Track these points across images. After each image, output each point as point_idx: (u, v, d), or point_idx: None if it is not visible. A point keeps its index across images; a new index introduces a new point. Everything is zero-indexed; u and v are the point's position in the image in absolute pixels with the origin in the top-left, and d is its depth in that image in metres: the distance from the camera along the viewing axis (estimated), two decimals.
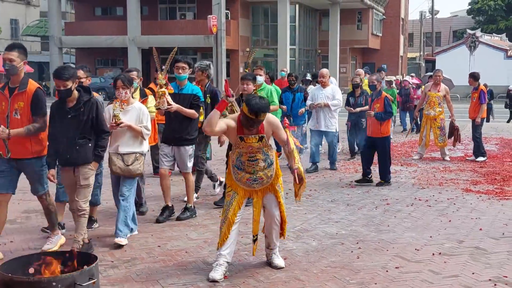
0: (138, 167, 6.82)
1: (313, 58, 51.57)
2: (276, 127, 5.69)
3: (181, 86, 7.73)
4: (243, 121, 5.49)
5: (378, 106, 10.13)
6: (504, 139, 17.01)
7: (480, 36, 47.09)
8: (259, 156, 5.62)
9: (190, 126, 7.69)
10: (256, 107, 5.34)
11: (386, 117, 10.09)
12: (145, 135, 6.85)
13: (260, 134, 5.56)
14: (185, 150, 7.69)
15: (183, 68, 7.67)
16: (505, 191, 9.59)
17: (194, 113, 7.59)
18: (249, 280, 5.55)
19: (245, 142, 5.57)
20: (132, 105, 6.90)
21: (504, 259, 6.13)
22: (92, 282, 4.28)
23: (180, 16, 45.83)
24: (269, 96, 9.76)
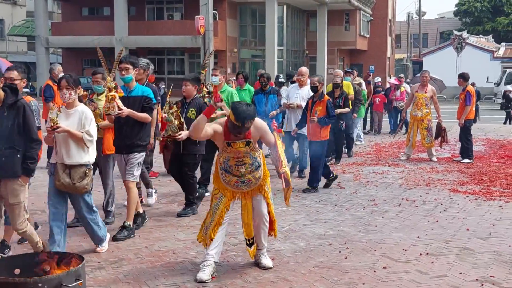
0: (86, 183, 5.95)
1: (301, 59, 51.61)
2: (263, 132, 5.67)
3: (130, 88, 7.11)
4: (230, 127, 5.46)
5: (320, 109, 9.55)
6: (490, 139, 17.10)
7: (467, 38, 47.47)
8: (247, 160, 5.60)
9: (143, 131, 7.13)
10: (243, 116, 5.31)
11: (329, 121, 9.59)
12: (87, 141, 5.89)
13: (247, 139, 5.54)
14: (135, 157, 7.04)
15: (126, 69, 7.00)
16: (492, 191, 9.64)
17: (146, 117, 7.05)
18: (237, 280, 5.53)
19: (232, 147, 5.55)
20: (75, 108, 5.98)
21: (491, 259, 6.15)
22: (78, 283, 4.25)
23: (168, 16, 45.73)
24: (229, 98, 9.09)
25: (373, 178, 10.85)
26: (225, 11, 43.40)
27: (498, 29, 58.52)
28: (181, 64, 45.72)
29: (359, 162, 12.84)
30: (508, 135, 18.54)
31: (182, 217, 7.86)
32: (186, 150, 7.90)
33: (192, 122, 7.31)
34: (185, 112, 7.89)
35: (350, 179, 10.81)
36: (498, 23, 58.90)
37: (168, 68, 45.80)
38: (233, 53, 44.82)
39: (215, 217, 5.65)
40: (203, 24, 37.02)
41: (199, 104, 7.97)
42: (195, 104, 7.97)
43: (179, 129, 7.66)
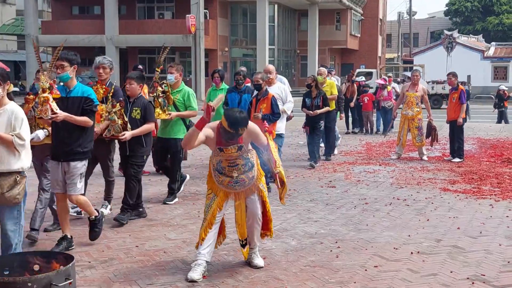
0: (17, 193, 5.19)
1: (292, 58, 51.68)
2: (255, 135, 5.65)
3: (69, 88, 6.29)
4: (222, 134, 5.42)
5: (264, 106, 9.18)
6: (481, 139, 17.16)
7: (457, 37, 47.66)
8: (239, 162, 5.57)
9: (83, 137, 6.28)
10: (236, 124, 5.28)
11: (274, 118, 9.16)
12: (17, 145, 5.11)
13: (239, 144, 5.52)
14: (75, 167, 6.24)
15: (61, 67, 6.20)
16: (482, 190, 9.67)
17: (86, 120, 6.22)
18: (228, 280, 5.52)
19: (224, 152, 5.53)
20: (4, 107, 5.21)
21: (481, 257, 6.17)
22: (68, 283, 4.22)
23: (158, 15, 45.67)
24: (185, 99, 8.55)
25: (364, 177, 10.87)
26: (216, 10, 43.42)
27: (488, 28, 58.83)
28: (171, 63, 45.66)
29: (350, 161, 12.85)
30: (498, 134, 18.62)
31: (118, 222, 7.39)
32: (132, 151, 7.58)
33: (137, 122, 7.49)
34: (129, 112, 7.53)
35: (341, 178, 10.81)
36: (488, 23, 59.21)
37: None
38: (224, 52, 44.83)
39: (207, 217, 5.63)
40: (194, 23, 37.04)
41: (143, 103, 7.62)
42: (140, 103, 7.60)
43: (122, 129, 7.32)
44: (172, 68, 8.70)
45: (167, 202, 8.66)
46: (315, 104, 11.83)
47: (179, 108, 8.52)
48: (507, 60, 46.33)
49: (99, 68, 7.67)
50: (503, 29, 58.69)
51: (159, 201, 8.75)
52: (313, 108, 11.85)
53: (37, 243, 6.60)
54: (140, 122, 7.53)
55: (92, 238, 6.62)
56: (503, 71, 46.44)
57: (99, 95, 7.34)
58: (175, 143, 8.49)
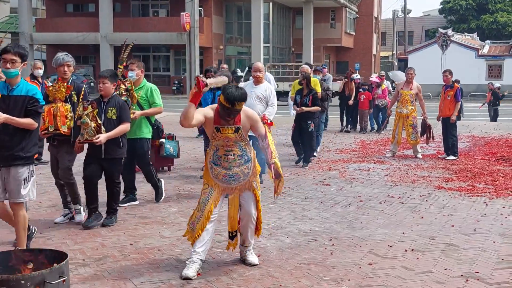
0: None
1: (287, 56, 51.68)
2: (254, 121, 5.67)
3: (11, 85, 5.70)
4: (220, 111, 5.46)
5: None
6: (475, 137, 17.19)
7: (452, 35, 47.75)
8: (236, 151, 5.58)
9: (26, 140, 5.68)
10: (232, 96, 5.32)
11: None
12: None
13: (237, 125, 5.53)
14: (18, 172, 5.68)
15: (12, 62, 5.62)
16: (477, 188, 9.69)
17: (30, 123, 5.64)
18: (223, 277, 5.51)
19: (221, 133, 5.53)
20: None
21: (475, 255, 6.18)
22: (62, 280, 4.21)
23: (153, 13, 45.61)
24: (149, 96, 8.29)
25: (359, 175, 10.87)
26: (211, 8, 43.39)
27: (483, 27, 58.92)
28: (166, 61, 45.66)
29: (344, 159, 12.86)
30: (493, 132, 18.66)
31: (107, 226, 7.19)
32: (109, 154, 7.08)
33: (113, 123, 7.02)
34: (103, 112, 7.03)
35: (335, 176, 10.82)
36: (483, 21, 59.30)
37: (153, 65, 45.74)
38: (219, 50, 44.81)
39: (204, 212, 5.61)
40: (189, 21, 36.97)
41: (118, 102, 7.15)
42: (115, 103, 7.12)
43: (96, 131, 6.83)
44: (133, 65, 8.29)
45: (158, 201, 8.59)
46: (304, 102, 11.66)
47: (143, 106, 8.21)
48: (501, 58, 46.44)
49: (64, 66, 7.07)
50: (498, 27, 58.81)
51: (153, 199, 8.72)
52: (302, 106, 11.70)
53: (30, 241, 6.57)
54: (116, 122, 7.09)
55: None
56: (497, 69, 46.54)
57: (62, 94, 6.90)
58: (141, 144, 8.22)
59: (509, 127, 20.35)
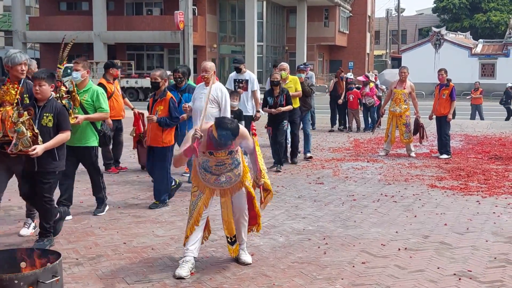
0: None
1: (281, 55, 51.70)
2: (244, 138, 5.59)
3: None
4: (213, 140, 5.35)
5: (161, 109, 8.17)
6: (468, 135, 17.24)
7: (445, 34, 47.85)
8: (227, 162, 5.57)
9: None
10: (226, 137, 5.24)
11: (171, 123, 8.21)
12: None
13: (230, 149, 5.50)
14: None
15: None
16: (469, 186, 9.72)
17: None
18: (216, 276, 5.52)
19: (215, 156, 5.51)
20: None
21: (468, 253, 6.20)
22: (55, 280, 4.21)
23: (147, 11, 45.52)
24: (95, 100, 7.48)
25: (352, 174, 10.89)
26: (204, 6, 43.36)
27: (476, 25, 59.09)
28: (160, 59, 45.59)
29: (338, 157, 12.88)
30: (485, 131, 18.72)
31: (39, 249, 5.76)
32: (42, 167, 6.10)
33: (49, 131, 6.05)
34: (38, 119, 6.08)
35: (329, 174, 10.83)
36: (476, 20, 59.47)
37: (147, 64, 45.63)
38: (212, 49, 44.79)
39: (193, 215, 5.62)
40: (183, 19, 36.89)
41: (56, 107, 6.16)
42: (51, 107, 6.15)
43: (32, 142, 5.90)
44: (78, 65, 7.47)
45: (98, 214, 7.75)
46: (279, 103, 11.07)
47: (87, 110, 7.41)
48: (494, 57, 46.55)
49: (22, 64, 6.46)
50: (491, 26, 58.98)
51: (147, 198, 8.72)
52: (276, 107, 11.08)
53: (23, 241, 6.57)
54: (53, 131, 6.11)
55: None
56: (490, 68, 46.65)
57: (11, 97, 6.12)
58: (89, 153, 7.51)
59: (502, 126, 20.42)
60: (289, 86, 11.77)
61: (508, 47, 45.96)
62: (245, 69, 11.48)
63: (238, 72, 11.38)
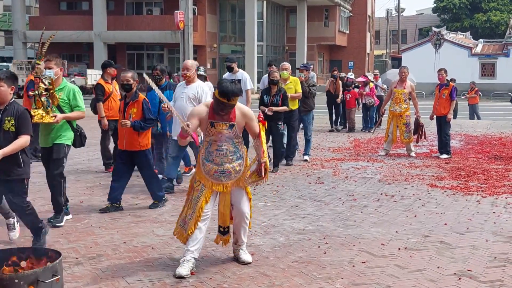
0: None
1: (281, 55, 51.70)
2: (249, 119, 5.67)
3: None
4: (215, 105, 5.47)
5: (134, 111, 7.90)
6: (468, 135, 17.25)
7: (445, 34, 47.85)
8: (229, 147, 5.58)
9: None
10: (227, 91, 5.33)
11: (146, 126, 7.94)
12: None
13: (231, 122, 5.54)
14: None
15: None
16: (469, 186, 9.72)
17: None
18: (216, 276, 5.52)
19: (215, 128, 5.54)
20: None
21: (468, 253, 6.20)
22: (55, 279, 4.21)
23: (147, 11, 45.55)
24: (71, 99, 7.16)
25: (352, 174, 10.89)
26: (204, 6, 43.37)
27: (476, 25, 59.10)
28: (160, 59, 45.61)
29: (338, 157, 12.88)
30: (486, 130, 18.72)
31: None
32: (7, 175, 5.75)
33: (11, 136, 5.67)
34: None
35: (329, 174, 10.83)
36: (476, 20, 59.49)
37: (147, 64, 45.63)
38: (212, 49, 44.79)
39: (196, 209, 5.61)
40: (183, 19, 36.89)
41: (18, 111, 5.74)
42: (13, 111, 5.73)
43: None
44: (51, 62, 7.09)
45: (57, 224, 7.11)
46: (274, 102, 10.80)
47: (63, 109, 7.10)
48: (494, 57, 46.55)
49: None
50: (491, 26, 58.99)
51: (147, 197, 8.72)
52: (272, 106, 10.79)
53: (24, 239, 6.57)
54: (14, 136, 5.72)
55: None
56: (490, 68, 46.66)
57: None
58: (58, 150, 7.09)
59: (502, 125, 20.42)
60: (289, 87, 11.55)
61: (508, 47, 45.96)
62: (237, 68, 11.40)
63: (230, 71, 11.29)
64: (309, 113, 12.63)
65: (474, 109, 24.29)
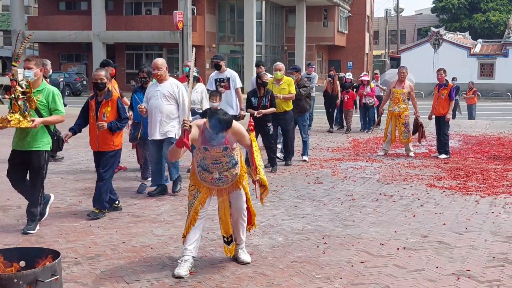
0: None
1: (280, 55, 51.69)
2: (241, 136, 5.60)
3: None
4: (206, 133, 5.40)
5: (109, 110, 7.48)
6: (467, 135, 17.26)
7: (444, 34, 47.89)
8: (224, 160, 5.57)
9: None
10: (217, 126, 5.25)
11: (122, 125, 7.55)
12: None
13: (225, 145, 5.50)
14: None
15: None
16: (468, 186, 9.73)
17: None
18: (215, 275, 5.52)
19: (210, 152, 5.52)
20: None
21: (467, 253, 6.21)
22: (54, 279, 4.20)
23: (146, 11, 45.53)
24: (50, 102, 6.84)
25: (351, 173, 10.90)
26: (203, 6, 43.35)
27: (475, 25, 59.16)
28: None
29: (337, 157, 12.88)
30: (484, 130, 18.73)
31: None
32: None
33: None
34: None
35: (328, 174, 10.84)
36: (475, 20, 59.54)
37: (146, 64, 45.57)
38: (211, 49, 44.75)
39: (190, 213, 5.63)
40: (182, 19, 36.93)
41: None
42: None
43: None
44: (30, 62, 6.77)
45: (28, 231, 6.83)
46: (263, 104, 10.67)
47: (41, 112, 6.76)
48: (493, 57, 46.60)
49: None
50: (490, 26, 59.05)
51: (146, 197, 8.73)
52: (260, 109, 10.67)
53: (23, 239, 6.57)
54: None
55: None
56: (489, 68, 46.71)
57: None
58: (37, 158, 6.81)
59: (501, 125, 20.44)
60: (283, 87, 11.33)
61: (507, 47, 46.01)
62: (225, 67, 11.12)
63: (218, 69, 10.96)
64: (303, 115, 12.39)
65: (471, 109, 24.30)
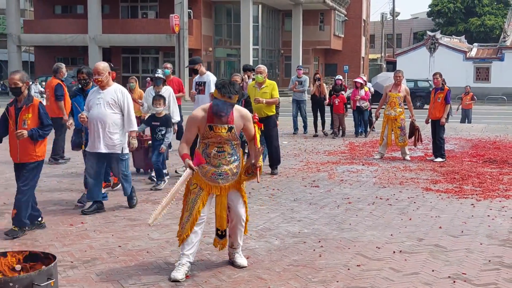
0: None
1: (276, 59, 51.77)
2: (247, 120, 5.70)
3: None
4: (214, 107, 5.47)
5: (29, 117, 6.80)
6: (463, 139, 17.29)
7: (440, 38, 48.03)
8: (227, 149, 5.59)
9: None
10: (226, 87, 5.37)
11: (45, 133, 6.89)
12: None
13: (230, 124, 5.54)
14: None
15: None
16: (464, 190, 9.74)
17: None
18: (212, 279, 5.52)
19: (214, 132, 5.53)
20: None
21: (463, 256, 6.22)
22: (50, 283, 4.20)
23: (142, 15, 45.53)
24: None
25: (347, 177, 10.90)
26: (200, 10, 43.40)
27: (471, 29, 59.30)
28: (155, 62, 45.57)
29: (333, 160, 12.89)
30: (480, 134, 18.77)
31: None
32: None
33: None
34: None
35: (324, 177, 10.84)
36: (471, 24, 59.69)
37: (142, 67, 45.59)
38: (208, 52, 44.79)
39: (193, 212, 5.60)
40: (178, 22, 36.97)
41: None
42: None
43: None
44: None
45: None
46: None
47: None
48: (489, 61, 46.73)
49: None
50: (485, 30, 59.22)
51: (142, 201, 8.72)
52: None
53: (18, 243, 6.55)
54: None
55: None
56: (485, 72, 46.83)
57: None
58: None
59: (497, 129, 20.48)
60: (265, 91, 10.99)
61: (502, 51, 46.14)
62: (205, 70, 10.88)
63: (195, 73, 10.85)
64: None
65: (467, 113, 24.30)
